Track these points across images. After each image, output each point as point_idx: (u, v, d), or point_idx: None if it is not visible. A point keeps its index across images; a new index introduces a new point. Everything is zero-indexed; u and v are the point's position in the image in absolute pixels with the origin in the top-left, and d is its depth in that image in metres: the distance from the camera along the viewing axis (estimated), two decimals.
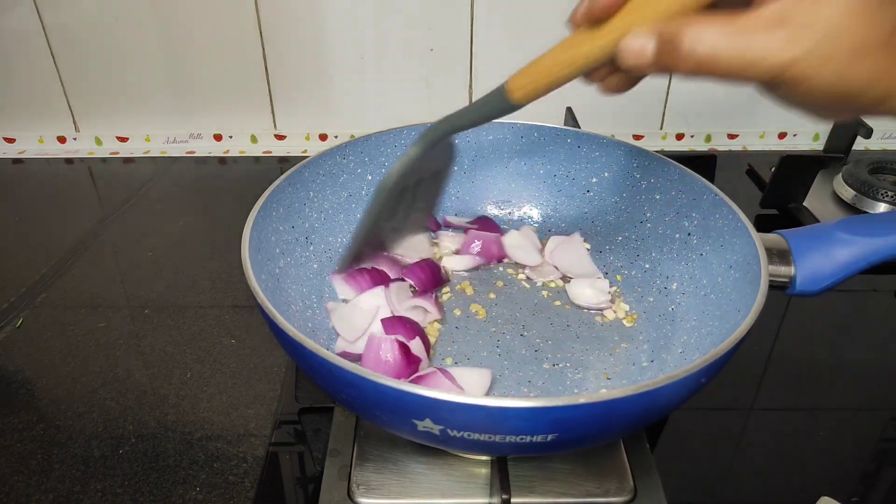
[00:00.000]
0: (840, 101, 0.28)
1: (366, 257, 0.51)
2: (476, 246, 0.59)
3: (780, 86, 0.29)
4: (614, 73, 0.35)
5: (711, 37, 0.28)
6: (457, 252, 0.59)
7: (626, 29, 0.30)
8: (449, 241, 0.60)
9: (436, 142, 0.43)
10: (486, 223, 0.61)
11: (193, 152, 0.90)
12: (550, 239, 0.60)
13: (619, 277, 0.57)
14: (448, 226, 0.62)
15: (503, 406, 0.32)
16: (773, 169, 0.74)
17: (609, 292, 0.54)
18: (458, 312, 0.54)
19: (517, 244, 0.59)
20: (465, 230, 0.60)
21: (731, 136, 0.92)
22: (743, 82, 0.29)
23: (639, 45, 0.30)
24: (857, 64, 0.27)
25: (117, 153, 0.90)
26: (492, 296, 0.56)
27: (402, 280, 0.54)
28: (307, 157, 0.54)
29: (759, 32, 0.27)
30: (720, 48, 0.28)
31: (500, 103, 0.37)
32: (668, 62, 0.29)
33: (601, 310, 0.53)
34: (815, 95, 0.28)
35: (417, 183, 0.47)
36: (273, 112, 0.90)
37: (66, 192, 0.82)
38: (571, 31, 0.33)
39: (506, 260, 0.59)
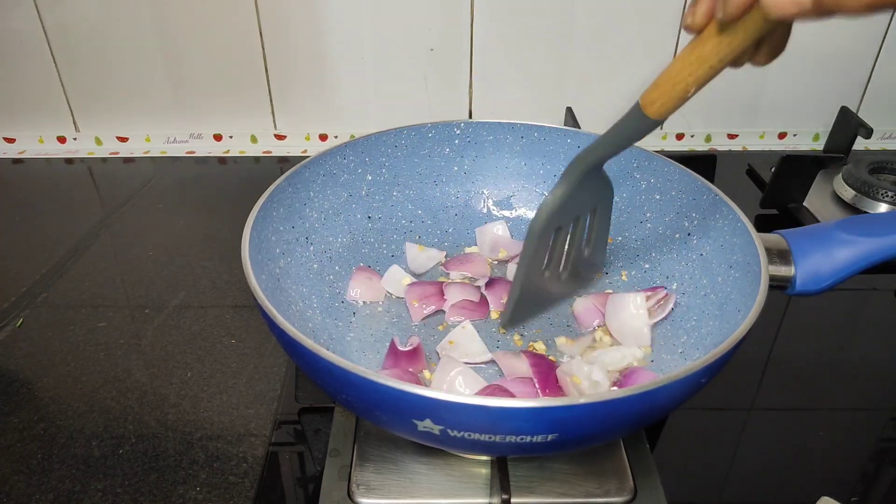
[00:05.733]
0: None
1: (533, 309, 0.49)
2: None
3: None
4: (757, 48, 0.33)
5: None
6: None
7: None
8: None
9: (581, 177, 0.41)
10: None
11: (193, 152, 0.90)
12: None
13: (622, 276, 0.57)
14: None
15: (503, 406, 0.32)
16: (773, 169, 0.74)
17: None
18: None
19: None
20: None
21: (731, 136, 0.92)
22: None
23: None
24: None
25: (117, 153, 0.90)
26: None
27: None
28: (307, 157, 0.54)
29: None
30: None
31: (638, 123, 0.37)
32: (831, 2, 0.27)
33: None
34: None
35: (575, 222, 0.45)
36: (273, 112, 0.90)
37: (66, 192, 0.82)
38: (692, 36, 0.33)
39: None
